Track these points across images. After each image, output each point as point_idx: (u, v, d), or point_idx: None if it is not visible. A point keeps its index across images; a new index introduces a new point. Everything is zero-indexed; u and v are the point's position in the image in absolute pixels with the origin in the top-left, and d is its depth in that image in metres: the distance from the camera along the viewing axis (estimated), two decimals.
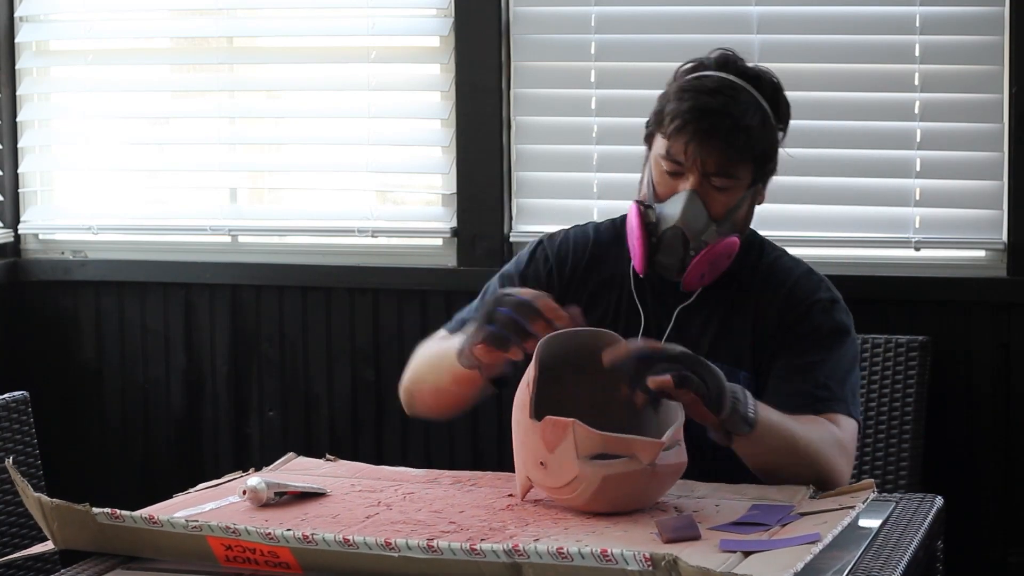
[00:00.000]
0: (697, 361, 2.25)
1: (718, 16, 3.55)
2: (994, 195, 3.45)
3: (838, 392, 2.51)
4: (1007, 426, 3.44)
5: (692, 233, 2.53)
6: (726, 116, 2.52)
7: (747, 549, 2.01)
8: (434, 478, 2.47)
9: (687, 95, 2.54)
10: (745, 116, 2.53)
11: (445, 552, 1.93)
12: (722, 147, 2.51)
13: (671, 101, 2.55)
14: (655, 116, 2.59)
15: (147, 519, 2.07)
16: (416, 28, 3.79)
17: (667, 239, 2.53)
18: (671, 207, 2.54)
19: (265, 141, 4.06)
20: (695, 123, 2.51)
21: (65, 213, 4.04)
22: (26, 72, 3.98)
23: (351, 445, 3.77)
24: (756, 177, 2.58)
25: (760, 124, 2.55)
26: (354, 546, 1.96)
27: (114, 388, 3.95)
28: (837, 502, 2.23)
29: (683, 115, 2.52)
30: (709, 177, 2.53)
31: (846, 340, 2.58)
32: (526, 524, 2.17)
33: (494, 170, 3.68)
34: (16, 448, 2.87)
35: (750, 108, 2.54)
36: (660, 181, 2.57)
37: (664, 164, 2.55)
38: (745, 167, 2.55)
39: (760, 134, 2.55)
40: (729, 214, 2.56)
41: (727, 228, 2.55)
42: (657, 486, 2.21)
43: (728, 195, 2.55)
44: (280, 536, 1.99)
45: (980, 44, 3.44)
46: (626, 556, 1.85)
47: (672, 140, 2.53)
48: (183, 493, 2.39)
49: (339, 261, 3.81)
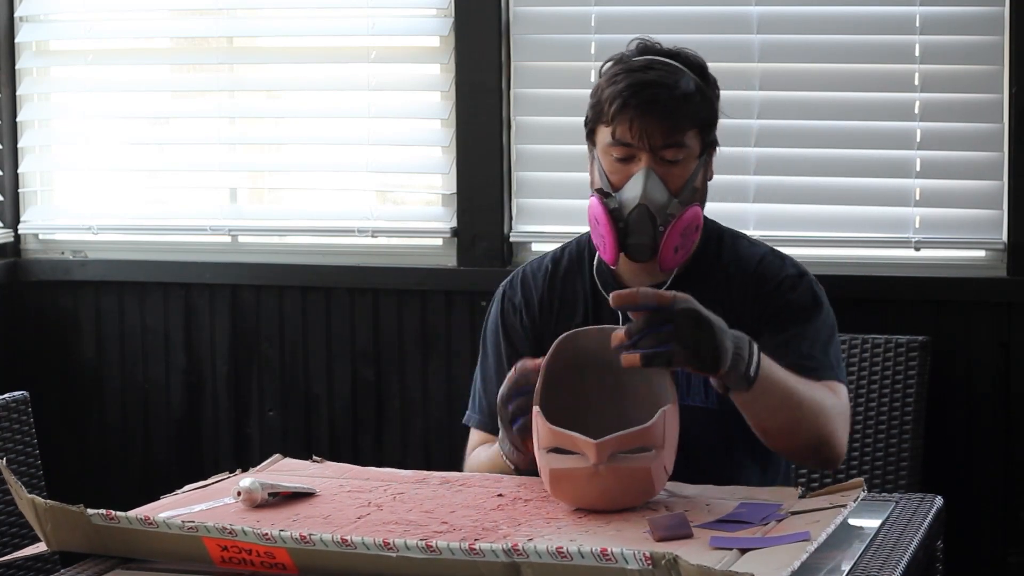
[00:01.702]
0: (698, 323, 2.24)
1: (718, 16, 3.55)
2: (994, 195, 3.45)
3: (823, 360, 2.54)
4: (1007, 426, 3.43)
5: (656, 208, 2.54)
6: (663, 86, 2.55)
7: (739, 547, 2.02)
8: (422, 478, 2.47)
9: (620, 77, 2.57)
10: (680, 84, 2.56)
11: (444, 552, 1.93)
12: (666, 116, 2.54)
13: (605, 88, 2.58)
14: (592, 110, 2.61)
15: (142, 520, 2.07)
16: (416, 28, 3.79)
17: (634, 219, 2.54)
18: (631, 189, 2.55)
19: (265, 141, 4.06)
20: (635, 98, 2.54)
21: (65, 213, 4.04)
22: (26, 72, 3.98)
23: (351, 445, 3.77)
24: (703, 146, 2.60)
25: (697, 91, 2.58)
26: (352, 546, 1.96)
27: (114, 388, 3.95)
28: (828, 501, 2.23)
29: (621, 94, 2.55)
30: (659, 151, 2.55)
31: (821, 310, 2.60)
32: (518, 524, 2.17)
33: (494, 170, 3.67)
34: (16, 448, 2.87)
35: (683, 77, 2.58)
36: (612, 170, 2.59)
37: (613, 152, 2.58)
38: (692, 135, 2.57)
39: (699, 100, 2.58)
40: (687, 186, 2.57)
41: (687, 199, 2.57)
42: (610, 488, 2.20)
43: (681, 167, 2.57)
44: (277, 536, 1.99)
45: (980, 44, 3.44)
46: (626, 555, 1.85)
47: (616, 123, 2.55)
48: (170, 495, 2.39)
49: (339, 261, 3.81)
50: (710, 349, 2.26)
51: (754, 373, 2.33)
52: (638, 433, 2.19)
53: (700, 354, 2.25)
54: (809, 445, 2.46)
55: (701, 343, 2.25)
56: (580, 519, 2.20)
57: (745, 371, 2.31)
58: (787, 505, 2.22)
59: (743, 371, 2.31)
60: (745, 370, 2.31)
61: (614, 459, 2.18)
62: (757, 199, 3.54)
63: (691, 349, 2.24)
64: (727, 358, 2.28)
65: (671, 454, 2.25)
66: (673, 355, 2.23)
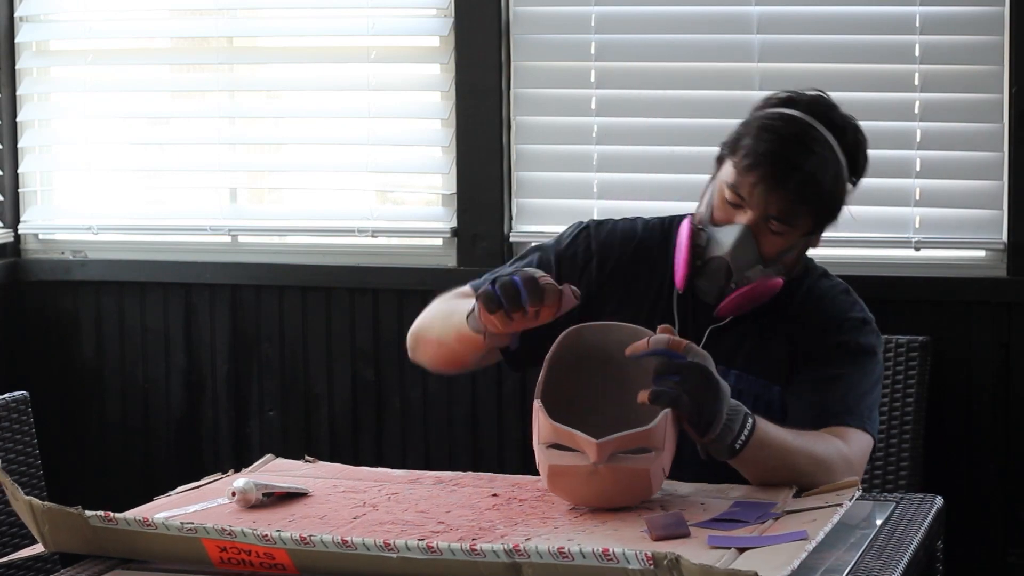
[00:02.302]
0: (704, 382, 2.22)
1: (718, 16, 3.55)
2: (994, 195, 3.45)
3: (855, 407, 2.49)
4: (1007, 426, 3.44)
5: (737, 268, 2.51)
6: (799, 169, 2.49)
7: (737, 545, 2.02)
8: (416, 478, 2.47)
9: (766, 135, 2.51)
10: (819, 172, 2.50)
11: (445, 552, 1.93)
12: (788, 197, 2.49)
13: (750, 136, 2.52)
14: (731, 142, 2.56)
15: (141, 521, 2.06)
16: (416, 28, 3.79)
17: (711, 267, 2.52)
18: (724, 236, 2.52)
19: (265, 141, 4.06)
20: (767, 167, 2.49)
21: (65, 213, 4.04)
22: (26, 72, 3.98)
23: (351, 445, 3.77)
24: (815, 227, 2.57)
25: (832, 180, 2.53)
26: (352, 547, 1.96)
27: (114, 388, 3.95)
28: (823, 500, 2.23)
29: (757, 156, 2.49)
30: (768, 219, 2.51)
31: (872, 360, 2.56)
32: (515, 524, 2.17)
33: (494, 170, 3.67)
34: (16, 448, 2.87)
35: (826, 163, 2.52)
36: (719, 206, 2.55)
37: (727, 193, 2.53)
38: (806, 219, 2.53)
39: (830, 190, 2.53)
40: (779, 256, 2.54)
41: (774, 270, 2.54)
42: (608, 488, 2.20)
43: (783, 239, 2.53)
44: (277, 537, 1.99)
45: (980, 44, 3.44)
46: (627, 555, 1.85)
47: (741, 175, 2.51)
48: (163, 496, 2.38)
49: (339, 261, 3.81)
50: (707, 413, 2.24)
51: (739, 446, 2.28)
52: (640, 434, 2.19)
53: (701, 412, 2.23)
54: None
55: (705, 402, 2.23)
56: (576, 518, 2.20)
57: (731, 443, 2.27)
58: (781, 504, 2.23)
59: (728, 442, 2.27)
60: (731, 442, 2.27)
61: (614, 459, 2.18)
62: None
63: (695, 403, 2.22)
64: (719, 426, 2.25)
65: (670, 456, 2.25)
66: (678, 401, 2.21)
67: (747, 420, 2.29)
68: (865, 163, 2.61)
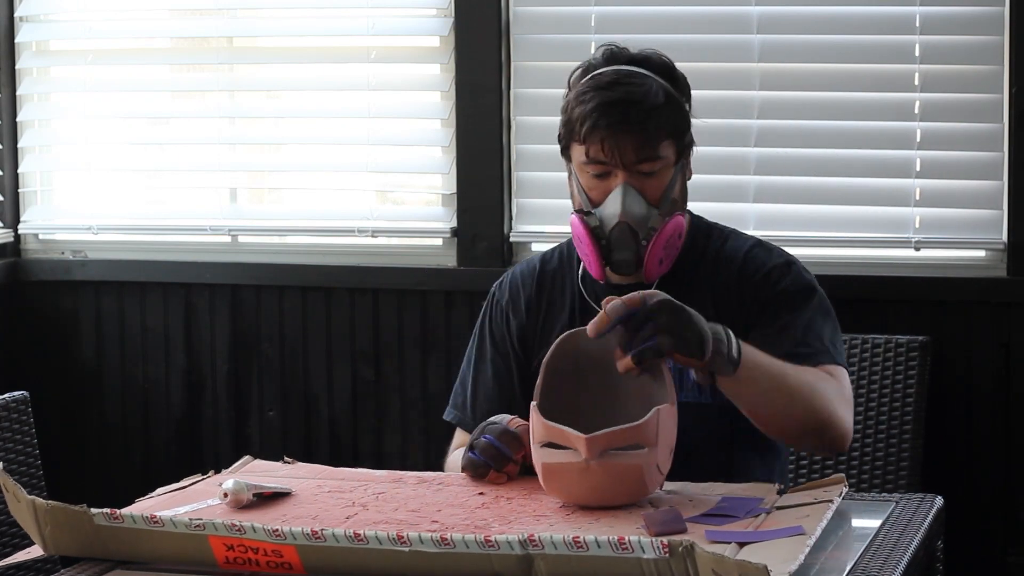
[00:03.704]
0: (675, 311, 2.27)
1: (718, 16, 3.55)
2: (994, 195, 3.45)
3: (819, 345, 2.53)
4: (1007, 426, 3.43)
5: (637, 223, 2.54)
6: (631, 104, 2.54)
7: (735, 540, 2.02)
8: (398, 478, 2.47)
9: (587, 96, 2.56)
10: (648, 97, 2.55)
11: (459, 545, 1.93)
12: (637, 133, 2.54)
13: (575, 107, 2.58)
14: (564, 128, 2.61)
15: (148, 519, 2.06)
16: (416, 28, 3.79)
17: (616, 237, 2.55)
18: (610, 206, 2.56)
19: (265, 141, 4.06)
20: (604, 119, 2.54)
21: (65, 213, 4.04)
22: (26, 72, 3.98)
23: (351, 445, 3.77)
24: (679, 152, 2.60)
25: (666, 101, 2.57)
26: (364, 541, 1.95)
27: (114, 388, 3.94)
28: (812, 496, 2.23)
29: (590, 115, 2.54)
30: (634, 166, 2.55)
31: (813, 295, 2.60)
32: (508, 521, 2.17)
33: (494, 170, 3.67)
34: (16, 448, 2.88)
35: (651, 89, 2.56)
36: (590, 186, 2.59)
37: (589, 169, 2.58)
38: (666, 145, 2.57)
39: (669, 111, 2.57)
40: (666, 195, 2.58)
41: (668, 209, 2.57)
42: (601, 484, 2.21)
43: (658, 178, 2.57)
44: (287, 533, 1.98)
45: (980, 44, 3.44)
46: (643, 544, 1.86)
47: (588, 142, 2.56)
48: (144, 497, 2.37)
49: (339, 261, 3.81)
50: (694, 333, 2.28)
51: (737, 355, 2.33)
52: (630, 430, 2.20)
53: (686, 338, 2.27)
54: (808, 428, 2.45)
55: (684, 328, 2.27)
56: (569, 515, 2.20)
57: (728, 352, 2.32)
58: (768, 500, 2.23)
59: (726, 353, 2.32)
60: (728, 351, 2.32)
61: (606, 455, 2.18)
62: (757, 199, 3.54)
63: (677, 336, 2.26)
64: (710, 341, 2.29)
65: (666, 453, 2.25)
66: (661, 345, 2.25)
67: (728, 332, 2.34)
68: (685, 80, 2.65)
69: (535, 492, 2.30)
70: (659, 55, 2.65)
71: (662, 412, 2.22)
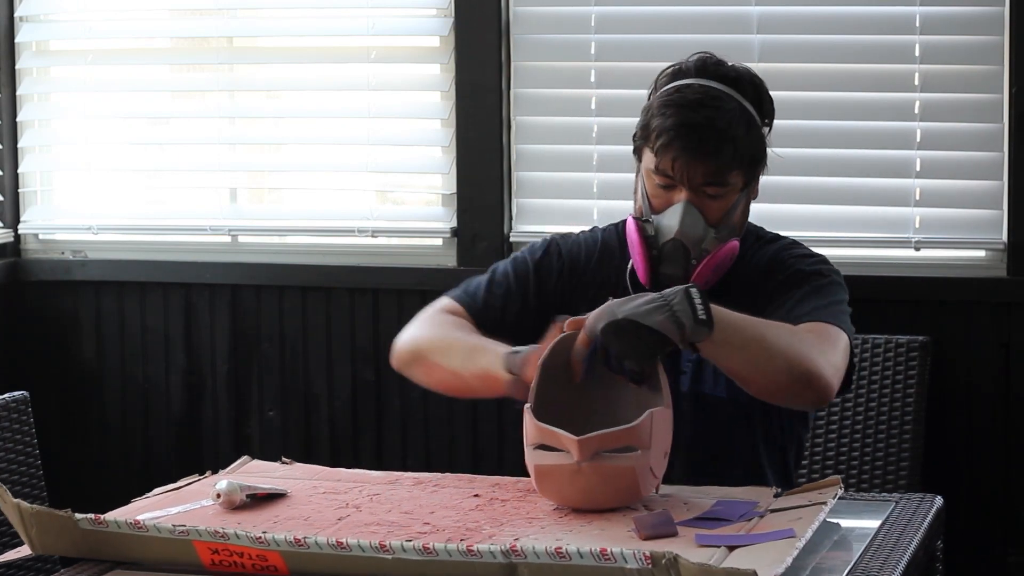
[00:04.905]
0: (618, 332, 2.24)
1: (718, 16, 3.55)
2: (994, 195, 3.45)
3: (821, 308, 2.49)
4: (1007, 426, 3.44)
5: (691, 243, 2.53)
6: (711, 130, 2.51)
7: (725, 544, 2.02)
8: (394, 479, 2.46)
9: (670, 110, 2.54)
10: (731, 127, 2.53)
11: (440, 553, 1.93)
12: (710, 160, 2.52)
13: (655, 116, 2.55)
14: (641, 131, 2.59)
15: (131, 524, 2.05)
16: (416, 28, 3.79)
17: (668, 251, 2.53)
18: (668, 219, 2.54)
19: (265, 141, 4.06)
20: (680, 140, 2.51)
21: (65, 213, 4.04)
22: (26, 72, 3.98)
23: (351, 445, 3.77)
24: (747, 180, 2.59)
25: (746, 131, 2.55)
26: (347, 548, 1.96)
27: (114, 388, 3.94)
28: (807, 499, 2.23)
29: (668, 132, 2.52)
30: (701, 187, 2.53)
31: (824, 277, 2.57)
32: (500, 524, 2.17)
33: (494, 170, 3.67)
34: (16, 448, 2.88)
35: (735, 117, 2.54)
36: (654, 194, 2.57)
37: (655, 178, 2.56)
38: (735, 174, 2.55)
39: (746, 141, 2.55)
40: (725, 218, 2.56)
41: (725, 233, 2.56)
42: (593, 487, 2.20)
43: (722, 201, 2.55)
44: (271, 539, 1.98)
45: (980, 44, 3.44)
46: (625, 555, 1.85)
47: (660, 156, 2.53)
48: (141, 498, 2.37)
49: (339, 261, 3.81)
50: (647, 341, 2.25)
51: (703, 314, 2.27)
52: (622, 432, 2.19)
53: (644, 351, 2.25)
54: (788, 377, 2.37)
55: (636, 343, 2.25)
56: (562, 518, 2.20)
57: (695, 316, 2.26)
58: (764, 503, 2.23)
59: (694, 318, 2.26)
60: (694, 315, 2.26)
61: (598, 457, 2.17)
62: (757, 199, 3.53)
63: (636, 354, 2.25)
64: (669, 323, 2.24)
65: (659, 456, 2.24)
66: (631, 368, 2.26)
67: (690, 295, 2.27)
68: (771, 104, 2.63)
69: (529, 494, 2.30)
70: (751, 74, 2.62)
71: (656, 415, 2.21)
